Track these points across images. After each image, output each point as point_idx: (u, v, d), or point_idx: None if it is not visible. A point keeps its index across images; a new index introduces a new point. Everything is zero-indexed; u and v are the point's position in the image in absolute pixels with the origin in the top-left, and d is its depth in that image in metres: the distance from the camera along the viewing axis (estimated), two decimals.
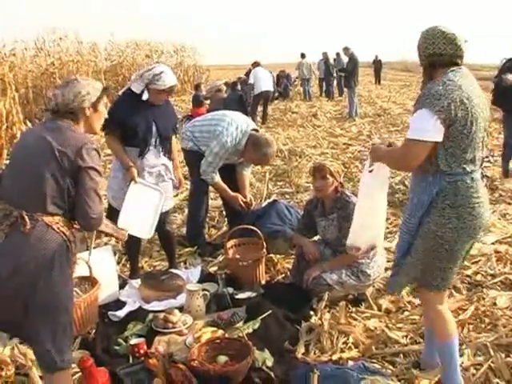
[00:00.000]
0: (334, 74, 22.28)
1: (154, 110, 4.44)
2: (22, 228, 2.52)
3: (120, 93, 4.69)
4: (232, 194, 5.45)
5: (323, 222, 4.37)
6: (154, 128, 4.42)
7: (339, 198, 4.28)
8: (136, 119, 4.35)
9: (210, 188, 5.62)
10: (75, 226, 2.73)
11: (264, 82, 15.63)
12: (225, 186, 5.40)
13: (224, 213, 6.30)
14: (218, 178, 5.30)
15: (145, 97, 4.38)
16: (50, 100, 2.79)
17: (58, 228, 2.60)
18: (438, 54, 2.78)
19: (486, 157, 3.67)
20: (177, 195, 4.99)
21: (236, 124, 5.22)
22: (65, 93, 2.76)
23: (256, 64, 16.34)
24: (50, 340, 2.58)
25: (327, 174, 4.20)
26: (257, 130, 5.43)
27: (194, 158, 5.32)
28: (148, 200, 4.40)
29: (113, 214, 4.32)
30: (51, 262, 2.55)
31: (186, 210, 5.89)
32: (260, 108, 16.25)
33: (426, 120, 2.67)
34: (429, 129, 2.66)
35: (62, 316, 2.62)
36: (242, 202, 5.47)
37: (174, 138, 4.79)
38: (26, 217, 2.53)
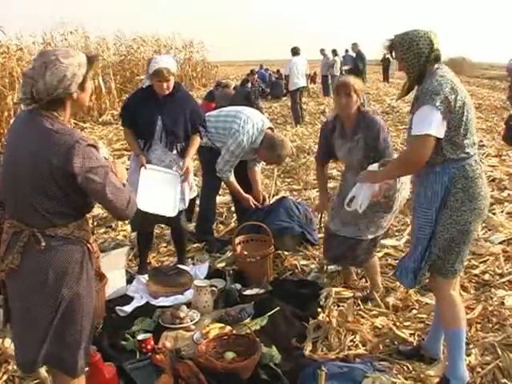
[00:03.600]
0: (343, 72, 22.16)
1: (163, 104, 4.41)
2: (37, 246, 2.34)
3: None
4: (244, 194, 5.42)
5: (348, 144, 4.12)
6: (159, 121, 4.40)
7: (362, 117, 4.06)
8: (141, 111, 4.41)
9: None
10: (91, 224, 2.57)
11: (302, 76, 14.40)
12: (238, 187, 5.36)
13: (232, 209, 6.31)
14: (232, 178, 5.27)
15: (144, 85, 4.51)
16: (28, 87, 2.30)
17: (75, 236, 2.43)
18: (437, 49, 2.94)
19: (481, 141, 3.70)
20: (193, 199, 4.90)
21: (252, 122, 5.17)
22: (46, 79, 2.26)
23: (295, 51, 14.45)
24: (76, 345, 2.47)
25: (351, 92, 3.99)
26: (272, 129, 5.40)
27: (207, 154, 5.28)
28: (163, 181, 4.40)
29: None
30: (78, 272, 2.42)
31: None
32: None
33: (429, 115, 2.82)
34: (433, 123, 2.81)
35: (86, 320, 2.50)
36: (252, 204, 5.46)
37: (196, 136, 4.64)
38: (39, 234, 2.35)
